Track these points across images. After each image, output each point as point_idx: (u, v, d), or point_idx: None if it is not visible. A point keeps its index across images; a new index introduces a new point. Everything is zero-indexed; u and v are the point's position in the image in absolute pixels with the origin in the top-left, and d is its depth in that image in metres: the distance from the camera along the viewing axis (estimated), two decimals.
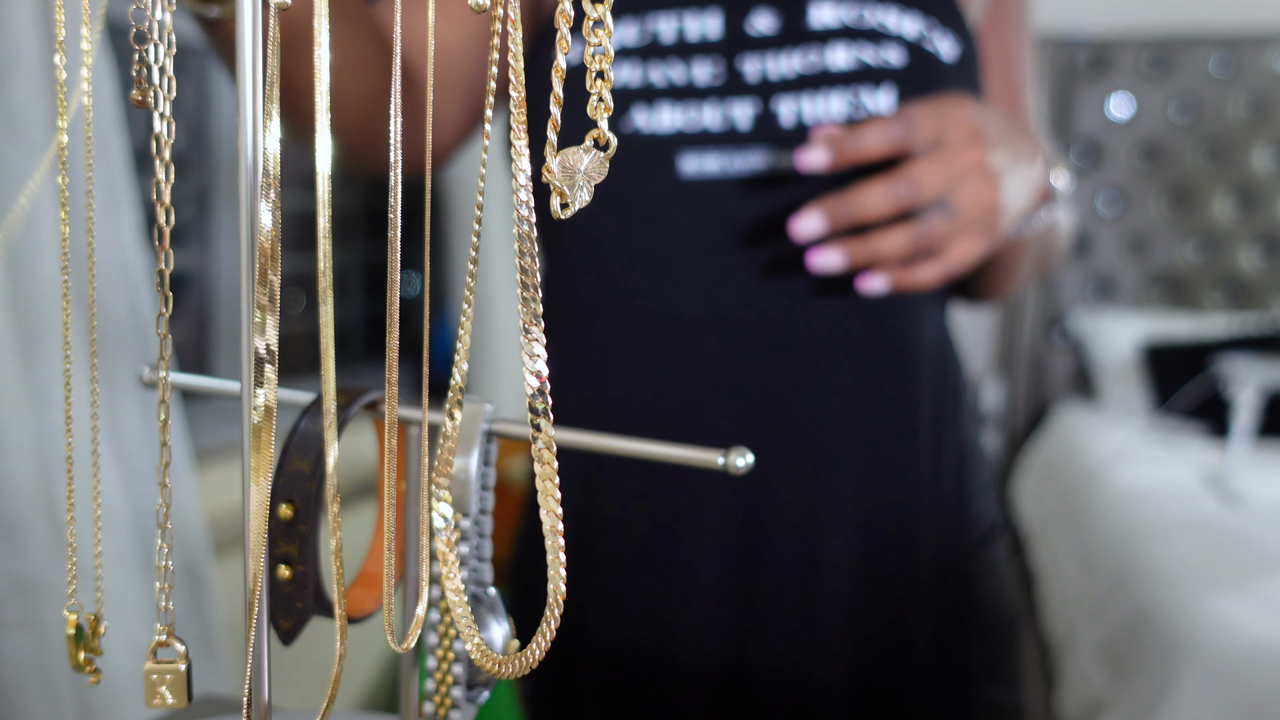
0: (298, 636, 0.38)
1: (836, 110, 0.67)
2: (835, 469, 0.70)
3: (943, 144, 0.60)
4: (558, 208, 0.25)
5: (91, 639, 0.36)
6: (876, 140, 0.59)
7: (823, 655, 0.71)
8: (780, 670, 0.71)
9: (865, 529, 0.71)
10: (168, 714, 0.43)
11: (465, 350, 0.29)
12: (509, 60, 0.25)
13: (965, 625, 0.74)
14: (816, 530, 0.70)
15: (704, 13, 0.69)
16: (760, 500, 0.70)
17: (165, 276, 0.30)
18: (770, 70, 0.68)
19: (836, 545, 0.70)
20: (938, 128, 0.60)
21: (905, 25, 0.68)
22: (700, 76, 0.68)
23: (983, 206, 0.60)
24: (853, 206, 0.59)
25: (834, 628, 0.71)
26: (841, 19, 0.68)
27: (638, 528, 0.73)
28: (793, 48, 0.68)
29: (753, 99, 0.68)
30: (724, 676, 0.71)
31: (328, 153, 0.27)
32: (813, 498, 0.70)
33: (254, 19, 0.28)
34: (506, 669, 0.28)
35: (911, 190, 0.58)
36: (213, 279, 1.73)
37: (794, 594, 0.70)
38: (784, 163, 0.67)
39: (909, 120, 0.59)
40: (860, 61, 0.67)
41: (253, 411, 0.28)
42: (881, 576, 0.71)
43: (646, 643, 0.73)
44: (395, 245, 0.27)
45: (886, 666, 0.71)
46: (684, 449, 0.38)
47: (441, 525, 0.33)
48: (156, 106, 0.30)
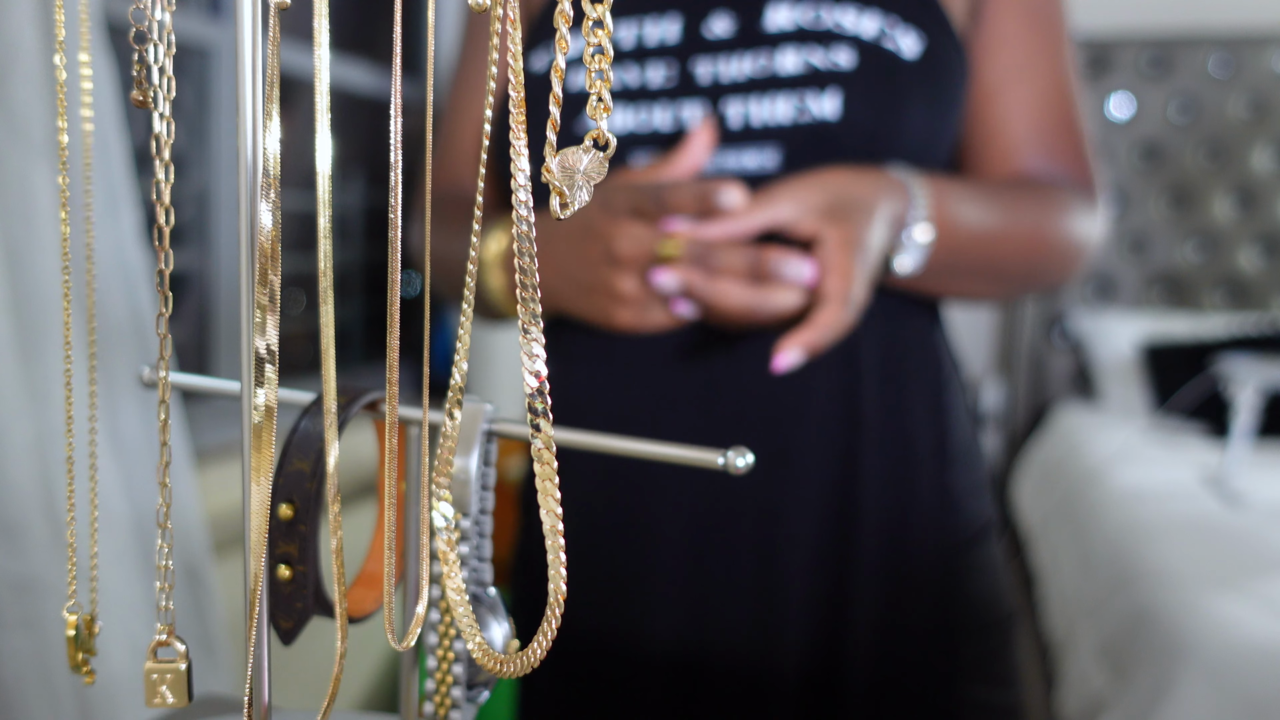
0: (298, 636, 0.38)
1: (782, 113, 0.68)
2: (797, 462, 0.70)
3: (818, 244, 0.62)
4: (557, 208, 0.25)
5: (87, 639, 0.36)
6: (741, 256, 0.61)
7: (781, 646, 0.71)
8: (737, 661, 0.71)
9: (826, 522, 0.71)
10: (168, 714, 0.43)
11: (465, 350, 0.29)
12: (509, 60, 0.25)
13: (952, 623, 0.74)
14: (776, 522, 0.71)
15: (664, 18, 0.70)
16: (719, 492, 0.71)
17: (165, 276, 0.30)
18: (721, 73, 0.69)
19: (796, 538, 0.71)
20: (814, 226, 0.62)
21: (864, 24, 0.69)
22: (653, 79, 0.70)
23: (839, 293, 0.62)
24: (712, 294, 0.61)
25: (792, 619, 0.71)
26: (796, 21, 0.69)
27: (598, 518, 0.73)
28: (744, 50, 0.69)
29: (702, 100, 0.69)
30: (682, 667, 0.72)
31: (328, 153, 0.27)
32: (772, 490, 0.70)
33: (254, 19, 0.28)
34: (507, 668, 0.28)
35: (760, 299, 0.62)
36: (213, 279, 1.73)
37: (752, 585, 0.71)
38: None
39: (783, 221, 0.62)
40: (808, 65, 0.68)
41: (253, 411, 0.28)
42: (842, 571, 0.71)
43: (605, 632, 0.73)
44: (395, 245, 0.27)
45: (852, 664, 0.71)
46: (684, 449, 0.38)
47: (441, 525, 0.33)
48: (156, 106, 0.30)
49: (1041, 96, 0.76)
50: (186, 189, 1.69)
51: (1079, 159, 0.78)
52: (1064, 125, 0.77)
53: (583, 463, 0.72)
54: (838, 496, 0.71)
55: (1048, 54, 0.77)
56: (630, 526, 0.72)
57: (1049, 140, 0.76)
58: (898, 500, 0.72)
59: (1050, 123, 0.77)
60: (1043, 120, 0.76)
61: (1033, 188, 0.75)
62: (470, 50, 0.83)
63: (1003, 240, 0.72)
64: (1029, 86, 0.76)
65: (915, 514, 0.73)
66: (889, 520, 0.72)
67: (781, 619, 0.71)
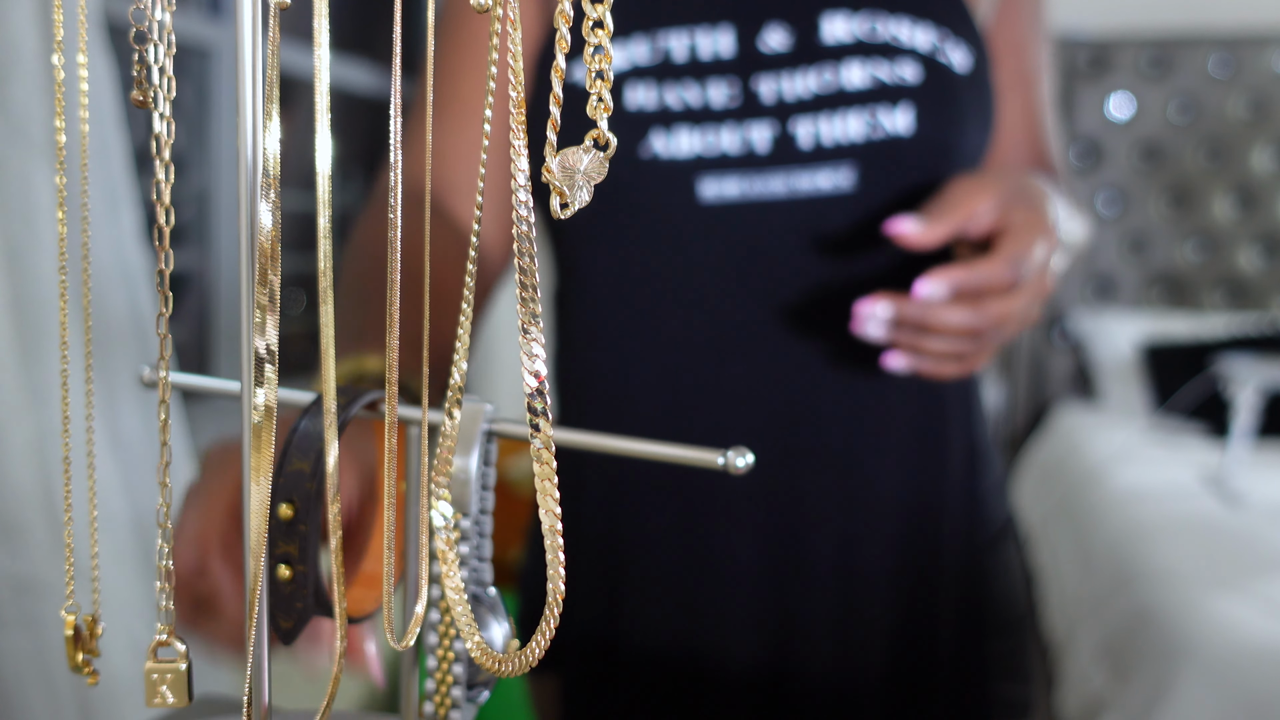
0: (298, 636, 0.38)
1: (854, 130, 0.66)
2: (869, 483, 0.70)
3: (1020, 279, 0.58)
4: (557, 207, 0.25)
5: (89, 640, 0.36)
6: (983, 277, 0.57)
7: (860, 667, 0.71)
8: (817, 684, 0.71)
9: (899, 540, 0.71)
10: (168, 714, 0.43)
11: (465, 350, 0.29)
12: (509, 60, 0.25)
13: (981, 623, 0.75)
14: (852, 545, 0.70)
15: (716, 29, 0.68)
16: (793, 517, 0.70)
17: (165, 276, 0.30)
18: (786, 90, 0.67)
19: (872, 558, 0.70)
20: (1021, 266, 0.58)
21: (918, 37, 0.67)
22: (716, 98, 0.67)
23: (1028, 322, 0.61)
24: (927, 317, 0.57)
25: (871, 640, 0.71)
26: (854, 33, 0.67)
27: (669, 546, 0.72)
28: (807, 66, 0.67)
29: (770, 120, 0.67)
30: (760, 692, 0.71)
31: (328, 153, 0.27)
32: (847, 513, 0.70)
33: (254, 19, 0.28)
34: (507, 668, 0.28)
35: (989, 324, 0.57)
36: (213, 279, 1.73)
37: (830, 609, 0.70)
38: None
39: (1012, 262, 0.57)
40: (876, 79, 0.66)
41: (253, 411, 0.28)
42: (913, 585, 0.72)
43: (681, 660, 0.72)
44: (395, 245, 0.27)
45: (918, 673, 0.72)
46: (684, 449, 0.38)
47: (441, 525, 0.33)
48: (156, 106, 0.30)
49: (1032, 106, 0.78)
50: (186, 189, 1.69)
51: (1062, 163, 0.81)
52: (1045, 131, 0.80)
53: (654, 491, 0.71)
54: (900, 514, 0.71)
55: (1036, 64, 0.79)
56: (704, 551, 0.71)
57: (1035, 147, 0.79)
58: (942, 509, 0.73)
59: (1037, 129, 0.79)
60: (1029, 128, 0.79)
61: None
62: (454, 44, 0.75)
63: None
64: (1022, 96, 0.77)
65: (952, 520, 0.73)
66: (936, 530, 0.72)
67: (862, 641, 0.71)
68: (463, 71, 0.74)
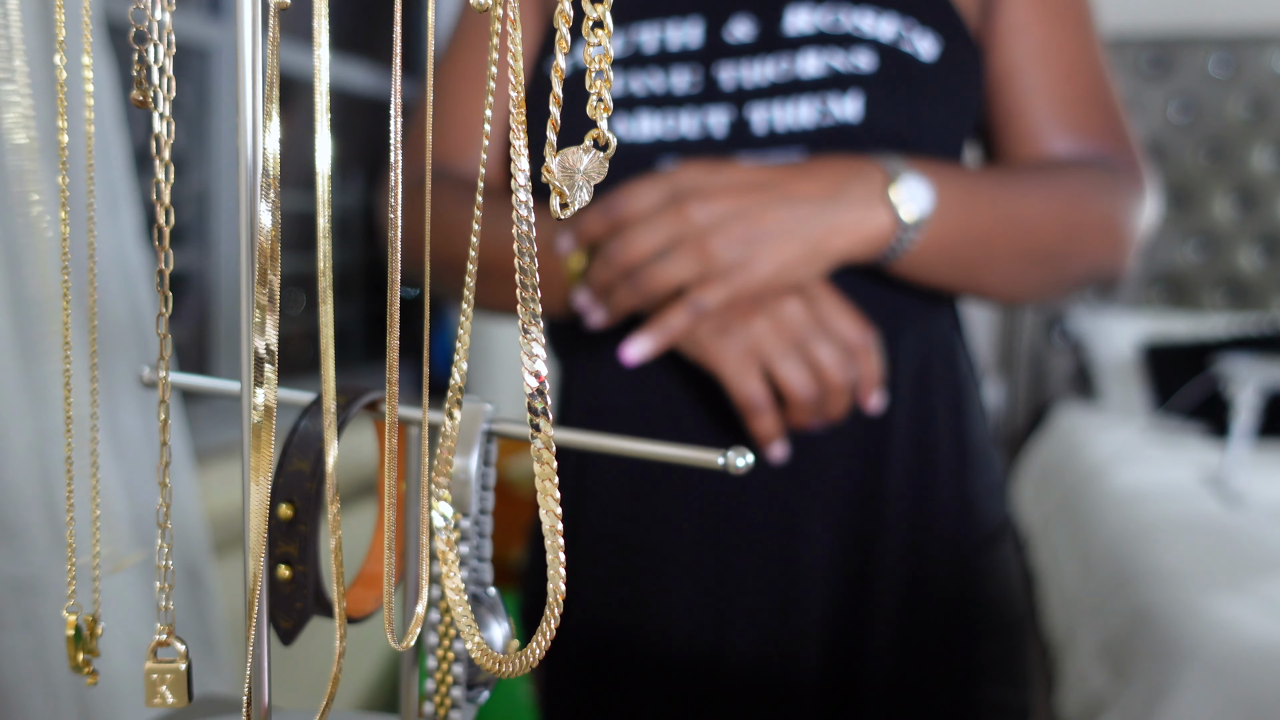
0: (298, 636, 0.38)
1: (805, 117, 0.68)
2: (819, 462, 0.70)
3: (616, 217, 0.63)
4: (557, 208, 0.25)
5: (89, 640, 0.36)
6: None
7: (801, 647, 0.71)
8: (757, 662, 0.71)
9: (847, 523, 0.71)
10: (168, 714, 0.43)
11: (465, 350, 0.29)
12: (508, 60, 0.25)
13: (969, 625, 0.74)
14: (794, 524, 0.71)
15: (685, 21, 0.70)
16: (736, 495, 0.71)
17: (165, 276, 0.30)
18: (745, 78, 0.69)
19: (816, 539, 0.71)
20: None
21: (881, 27, 0.68)
22: (679, 85, 0.70)
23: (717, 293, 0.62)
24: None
25: (813, 619, 0.71)
26: (816, 24, 0.69)
27: (618, 521, 0.74)
28: (767, 55, 0.69)
29: (728, 106, 0.69)
30: (701, 668, 0.72)
31: (328, 153, 0.27)
32: (789, 492, 0.70)
33: (254, 19, 0.28)
34: (507, 668, 0.28)
35: (620, 259, 0.62)
36: (213, 279, 1.73)
37: (770, 587, 0.71)
38: None
39: (606, 204, 0.63)
40: (830, 68, 0.68)
41: (253, 411, 0.28)
42: (863, 572, 0.71)
43: (627, 637, 0.73)
44: (395, 245, 0.27)
45: (872, 663, 0.71)
46: (683, 449, 0.38)
47: (441, 525, 0.33)
48: (156, 106, 0.30)
49: (1063, 78, 0.73)
50: (186, 189, 1.69)
51: (1116, 136, 0.74)
52: (1092, 103, 0.74)
53: (603, 464, 0.73)
54: (860, 497, 0.71)
55: (1068, 38, 0.74)
56: (649, 526, 0.73)
57: (1076, 119, 0.73)
58: (919, 501, 0.72)
59: (1075, 101, 0.73)
60: (1066, 99, 0.73)
61: (1064, 165, 0.72)
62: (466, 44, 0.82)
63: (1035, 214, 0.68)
64: (1048, 69, 0.73)
65: (935, 515, 0.73)
66: (910, 521, 0.72)
67: (802, 619, 0.71)
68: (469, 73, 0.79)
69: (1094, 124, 0.74)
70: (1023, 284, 0.72)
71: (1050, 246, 0.70)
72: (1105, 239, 0.72)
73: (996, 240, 0.68)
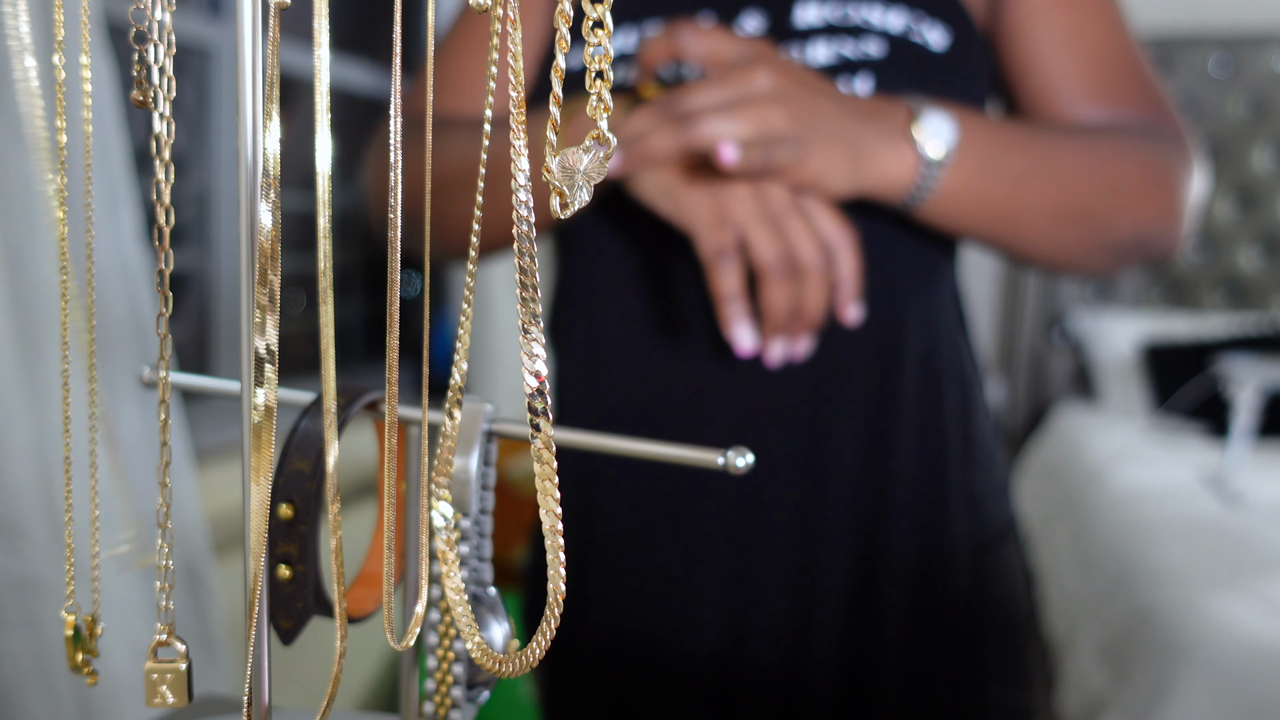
0: (298, 636, 0.38)
1: None
2: (831, 467, 0.70)
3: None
4: (557, 207, 0.25)
5: (89, 640, 0.36)
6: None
7: (818, 652, 0.71)
8: (775, 666, 0.71)
9: (862, 527, 0.71)
10: (168, 714, 0.43)
11: (465, 350, 0.29)
12: (509, 60, 0.25)
13: (976, 625, 0.74)
14: (813, 528, 0.71)
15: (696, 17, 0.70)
16: (757, 498, 0.71)
17: (165, 276, 0.30)
18: None
19: (833, 543, 0.71)
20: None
21: (890, 20, 0.69)
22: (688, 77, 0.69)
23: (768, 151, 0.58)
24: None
25: (830, 625, 0.71)
26: (825, 18, 0.69)
27: (635, 525, 0.73)
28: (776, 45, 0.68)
29: None
30: (719, 673, 0.72)
31: (327, 153, 0.27)
32: (808, 496, 0.70)
33: (254, 19, 0.28)
34: (507, 668, 0.28)
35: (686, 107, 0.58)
36: (213, 279, 1.73)
37: (790, 591, 0.71)
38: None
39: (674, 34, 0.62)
40: (839, 55, 0.68)
41: (253, 411, 0.28)
42: (874, 570, 0.71)
43: (643, 639, 0.73)
44: (395, 245, 0.27)
45: (884, 664, 0.72)
46: (684, 449, 0.38)
47: (441, 525, 0.33)
48: (156, 106, 0.30)
49: (1093, 57, 0.71)
50: (186, 189, 1.69)
51: (1155, 105, 0.72)
52: (1127, 77, 0.72)
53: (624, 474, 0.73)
54: (872, 493, 0.71)
55: (1092, 18, 0.72)
56: (665, 526, 0.73)
57: (1110, 94, 0.71)
58: (928, 498, 0.72)
59: (1109, 79, 0.71)
60: (1100, 79, 0.71)
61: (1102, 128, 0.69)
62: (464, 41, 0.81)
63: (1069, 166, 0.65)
64: (1075, 51, 0.71)
65: (944, 514, 0.73)
66: (919, 520, 0.72)
67: (816, 617, 0.71)
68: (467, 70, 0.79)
69: (1130, 96, 0.71)
70: (1061, 244, 0.68)
71: (1087, 202, 0.66)
72: (1149, 200, 0.67)
73: (1027, 189, 0.64)
